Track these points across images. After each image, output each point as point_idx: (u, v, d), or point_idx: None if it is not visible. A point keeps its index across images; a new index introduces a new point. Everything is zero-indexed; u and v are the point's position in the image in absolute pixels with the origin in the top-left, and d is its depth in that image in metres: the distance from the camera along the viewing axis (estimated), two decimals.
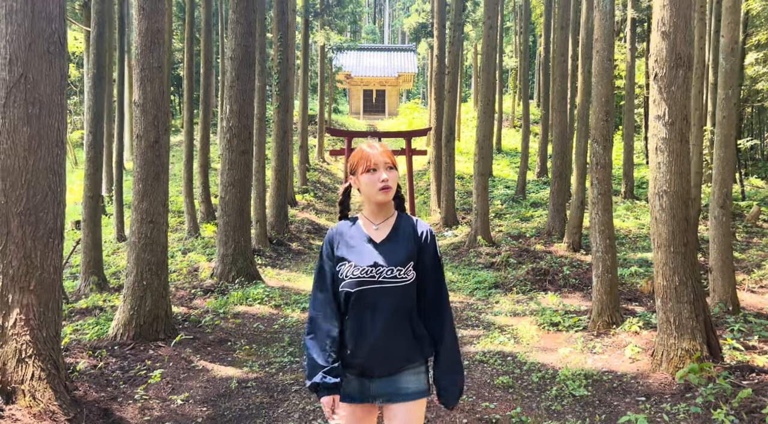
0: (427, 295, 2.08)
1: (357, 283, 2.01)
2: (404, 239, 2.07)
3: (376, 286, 2.00)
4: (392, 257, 2.03)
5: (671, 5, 4.56)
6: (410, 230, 2.10)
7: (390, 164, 2.06)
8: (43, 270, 3.67)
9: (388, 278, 2.01)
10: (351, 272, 2.02)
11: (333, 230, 2.16)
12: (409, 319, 2.04)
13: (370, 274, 2.01)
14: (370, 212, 2.12)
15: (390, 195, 2.06)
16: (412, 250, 2.05)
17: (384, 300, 2.00)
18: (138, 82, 5.62)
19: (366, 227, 2.12)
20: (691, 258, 4.66)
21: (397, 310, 2.01)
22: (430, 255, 2.09)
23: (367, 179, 2.04)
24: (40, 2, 3.65)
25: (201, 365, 5.05)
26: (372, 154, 2.05)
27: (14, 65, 3.61)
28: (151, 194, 5.65)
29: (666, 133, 4.62)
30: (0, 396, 3.35)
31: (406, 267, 2.03)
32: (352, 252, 2.06)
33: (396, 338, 2.01)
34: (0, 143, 3.62)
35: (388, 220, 2.11)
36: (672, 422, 3.67)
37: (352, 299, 2.02)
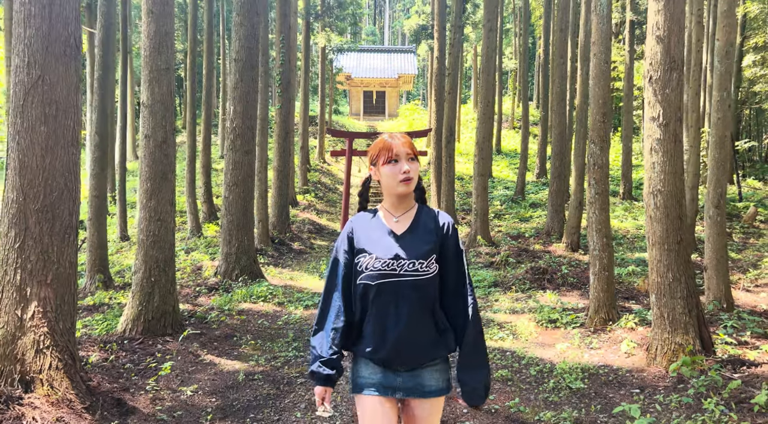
0: (448, 287, 2.03)
1: (377, 276, 1.96)
2: (426, 232, 2.03)
3: (398, 279, 1.95)
4: (414, 250, 1.98)
5: (665, 10, 4.71)
6: (432, 221, 2.04)
7: (411, 155, 2.01)
8: (60, 265, 3.82)
9: (409, 271, 1.96)
10: (372, 265, 1.97)
11: (352, 221, 2.10)
12: (431, 313, 1.99)
13: (392, 267, 1.96)
14: (391, 203, 2.06)
15: (411, 187, 2.01)
16: (434, 242, 2.00)
17: (405, 294, 1.95)
18: (146, 83, 5.77)
19: (386, 219, 2.06)
20: (685, 255, 4.80)
21: (419, 304, 1.96)
22: (451, 247, 2.04)
23: (389, 171, 1.99)
24: (57, 7, 3.80)
25: (208, 359, 5.19)
26: (394, 145, 1.99)
27: (32, 68, 3.75)
28: (159, 193, 5.79)
29: (660, 134, 4.77)
30: (20, 385, 3.48)
31: (428, 260, 1.98)
32: (372, 244, 2.00)
33: (419, 332, 1.96)
34: (18, 142, 3.77)
35: (409, 212, 2.06)
36: (664, 411, 3.82)
37: (372, 293, 1.97)
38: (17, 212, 3.74)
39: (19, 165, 3.75)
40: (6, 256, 3.73)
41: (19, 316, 3.64)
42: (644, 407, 3.89)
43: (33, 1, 3.73)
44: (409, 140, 2.04)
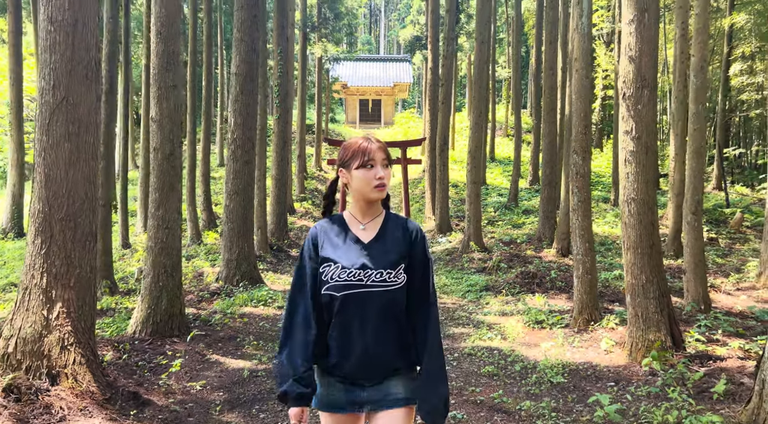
0: (413, 296, 1.93)
1: (343, 286, 1.85)
2: (394, 240, 1.93)
3: (364, 290, 1.85)
4: (381, 259, 1.88)
5: (637, 33, 5.12)
6: (400, 229, 1.95)
7: (386, 161, 1.92)
8: (81, 269, 4.17)
9: (377, 282, 1.85)
10: (337, 275, 1.86)
11: (316, 227, 1.98)
12: (397, 325, 1.89)
13: (358, 277, 1.85)
14: (358, 209, 1.96)
15: (384, 193, 1.93)
16: (402, 251, 1.91)
17: (372, 305, 1.85)
18: (155, 99, 6.14)
19: (352, 225, 1.95)
20: (657, 259, 5.19)
21: (386, 316, 1.86)
22: (419, 256, 1.94)
23: (362, 175, 1.88)
24: (80, 34, 4.17)
25: (214, 358, 5.53)
26: (370, 149, 1.88)
27: (57, 90, 4.12)
28: (167, 203, 6.15)
29: (633, 146, 5.16)
30: (47, 378, 3.83)
31: (396, 270, 1.88)
32: (337, 252, 1.89)
33: (385, 345, 1.87)
34: (44, 158, 4.13)
35: (376, 219, 1.96)
36: (634, 400, 4.18)
37: (337, 304, 1.86)
38: (43, 221, 4.10)
39: (44, 178, 4.12)
40: (33, 261, 4.08)
41: (45, 316, 3.99)
42: (616, 398, 4.26)
43: (58, 30, 4.10)
44: (384, 145, 1.94)
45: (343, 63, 32.87)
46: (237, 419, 4.05)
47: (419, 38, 25.57)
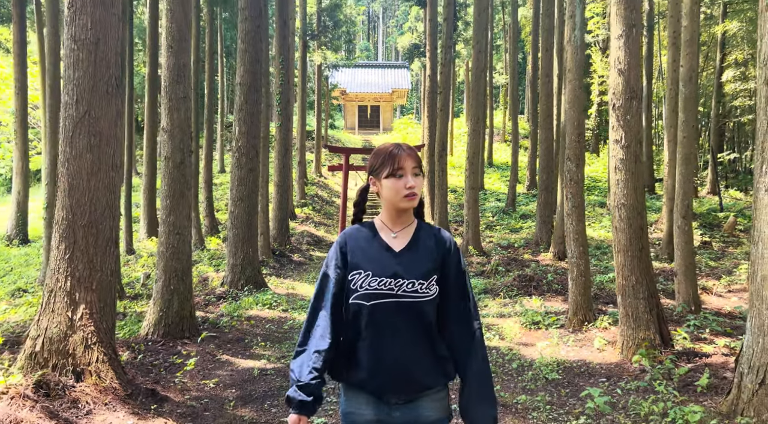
0: (450, 311, 1.86)
1: (373, 295, 1.79)
2: (426, 250, 1.87)
3: (395, 300, 1.78)
4: (414, 269, 1.81)
5: (625, 47, 5.41)
6: (432, 239, 1.89)
7: (417, 170, 1.86)
8: (102, 272, 4.42)
9: (408, 292, 1.79)
10: (367, 283, 1.80)
11: (345, 234, 1.92)
12: (430, 338, 1.82)
13: (389, 286, 1.79)
14: (389, 218, 1.90)
15: (415, 202, 1.87)
16: (435, 262, 1.84)
17: (403, 316, 1.78)
18: (166, 110, 6.41)
19: (383, 233, 1.90)
20: (646, 261, 5.45)
21: (416, 328, 1.80)
22: (454, 267, 1.87)
23: (392, 184, 1.83)
24: (102, 52, 4.44)
25: (224, 358, 5.78)
26: (399, 156, 1.83)
27: (80, 104, 4.39)
28: (178, 209, 6.41)
29: (623, 154, 5.44)
30: (72, 375, 4.07)
31: (428, 281, 1.81)
32: (368, 260, 1.83)
33: (416, 359, 1.80)
34: (68, 168, 4.39)
35: (408, 227, 1.90)
36: (623, 394, 4.44)
37: (366, 314, 1.79)
38: (67, 227, 4.35)
39: (68, 187, 4.38)
40: (57, 266, 4.34)
41: (70, 317, 4.24)
42: (607, 392, 4.52)
43: (81, 48, 4.37)
44: (416, 152, 1.88)
45: (342, 70, 33.21)
46: (250, 413, 4.30)
47: (417, 46, 25.91)
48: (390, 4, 56.86)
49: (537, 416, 4.11)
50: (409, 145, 1.87)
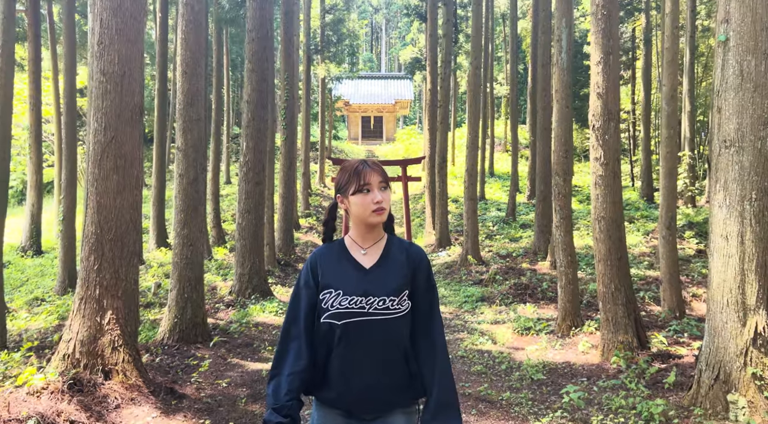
0: (417, 325, 1.86)
1: (344, 314, 1.78)
2: (396, 265, 1.87)
3: (366, 318, 1.78)
4: (384, 286, 1.82)
5: (603, 73, 5.88)
6: (403, 253, 1.90)
7: (384, 184, 1.86)
8: (127, 282, 4.90)
9: (379, 309, 1.79)
10: (337, 302, 1.79)
11: (315, 254, 1.92)
12: (403, 355, 1.83)
13: (360, 304, 1.79)
14: (358, 234, 1.91)
15: (384, 217, 1.87)
16: (405, 277, 1.85)
17: (375, 334, 1.78)
18: (180, 131, 6.92)
19: (353, 250, 1.90)
20: (625, 269, 5.90)
21: (389, 345, 1.80)
22: (423, 282, 1.88)
23: (359, 200, 1.83)
24: (127, 84, 4.95)
25: (235, 361, 6.23)
26: (365, 172, 1.83)
27: (108, 130, 4.89)
28: (191, 223, 6.90)
29: (602, 171, 5.90)
30: (101, 374, 4.54)
31: (399, 297, 1.81)
32: (338, 279, 1.83)
33: (389, 376, 1.80)
34: (96, 187, 4.88)
35: (378, 243, 1.91)
36: (599, 391, 4.88)
37: (337, 333, 1.79)
38: (95, 241, 4.84)
39: (97, 205, 4.86)
40: (87, 275, 4.82)
41: (99, 322, 4.71)
42: (585, 389, 4.95)
43: (109, 80, 4.88)
44: (381, 166, 1.90)
45: (345, 81, 33.89)
46: (260, 409, 4.75)
47: (418, 60, 26.49)
48: (393, 16, 57.69)
49: (519, 410, 4.55)
50: (375, 161, 1.89)
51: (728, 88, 4.11)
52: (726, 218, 4.11)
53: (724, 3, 4.15)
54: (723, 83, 4.16)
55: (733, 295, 4.04)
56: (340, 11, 26.13)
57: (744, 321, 3.99)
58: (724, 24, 4.15)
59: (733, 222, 4.07)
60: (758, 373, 3.89)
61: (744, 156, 4.04)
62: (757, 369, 3.90)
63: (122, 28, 4.87)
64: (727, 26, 4.12)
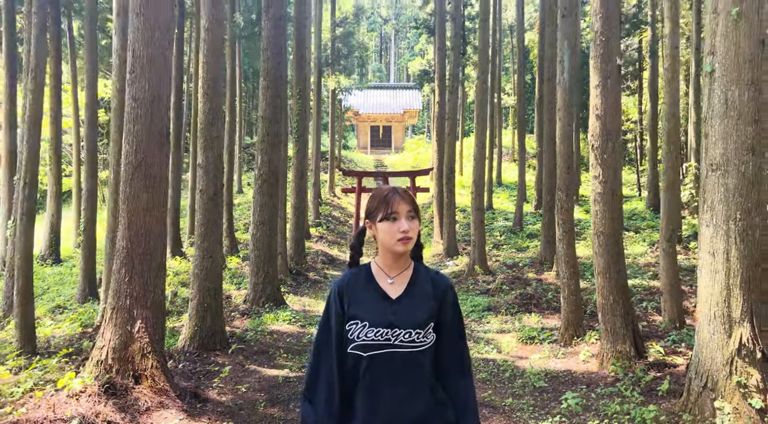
0: (444, 359, 1.88)
1: (370, 346, 1.81)
2: (423, 296, 1.89)
3: (392, 350, 1.80)
4: (410, 318, 1.83)
5: (602, 96, 6.21)
6: (429, 284, 1.91)
7: (412, 213, 1.87)
8: (155, 293, 5.27)
9: (405, 342, 1.80)
10: (364, 334, 1.82)
11: (342, 281, 1.93)
12: (429, 385, 1.84)
13: (386, 337, 1.80)
14: (385, 262, 1.92)
15: (410, 246, 1.88)
16: (432, 309, 1.86)
17: (400, 366, 1.80)
18: (201, 149, 7.31)
19: (380, 279, 1.92)
20: (623, 282, 6.19)
21: (415, 377, 1.82)
22: (450, 313, 1.90)
23: (386, 228, 1.85)
24: (156, 108, 5.34)
25: (252, 367, 6.58)
26: (393, 201, 1.85)
27: (138, 152, 5.28)
28: (211, 236, 7.27)
29: (601, 189, 6.21)
30: (132, 379, 4.89)
31: (425, 329, 1.83)
32: (364, 310, 1.85)
33: (415, 408, 1.81)
34: (127, 205, 5.26)
35: (405, 272, 1.92)
36: (597, 398, 5.17)
37: (363, 364, 1.81)
38: (126, 255, 5.21)
39: (128, 222, 5.24)
40: (118, 287, 5.19)
41: (129, 330, 5.08)
42: (583, 396, 5.24)
43: (140, 106, 5.27)
44: (411, 195, 1.91)
45: (354, 91, 34.39)
46: (278, 412, 5.09)
47: (427, 72, 26.91)
48: (402, 26, 58.28)
49: (520, 415, 4.86)
50: (405, 189, 1.92)
51: (714, 116, 4.42)
52: (713, 235, 4.41)
53: (710, 37, 4.48)
54: (710, 111, 4.47)
55: (719, 308, 4.34)
56: (350, 24, 26.65)
57: (729, 333, 4.28)
58: (710, 56, 4.47)
59: (719, 240, 4.37)
60: (742, 381, 4.17)
61: (729, 179, 4.35)
62: (741, 378, 4.18)
63: (152, 58, 5.27)
64: (713, 58, 4.44)
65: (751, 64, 4.30)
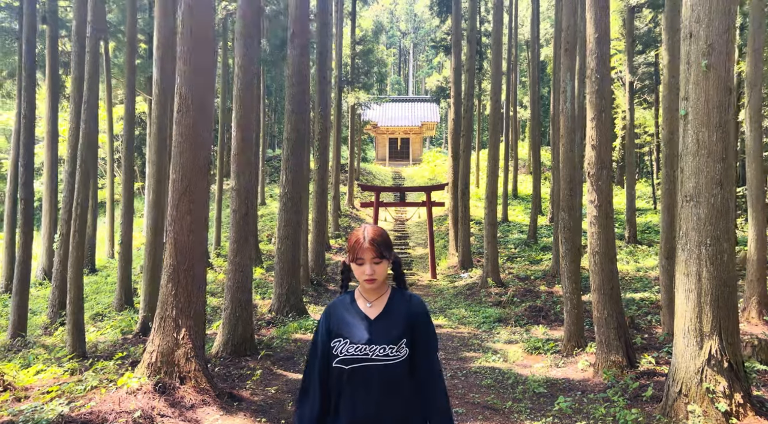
0: (418, 373, 2.16)
1: (351, 360, 2.09)
2: (398, 316, 2.17)
3: (369, 363, 2.09)
4: (385, 335, 2.12)
5: (596, 128, 6.84)
6: (404, 306, 2.20)
7: (376, 259, 2.13)
8: (197, 304, 6.01)
9: (380, 356, 2.09)
10: (345, 349, 2.10)
11: (330, 306, 2.25)
12: (399, 396, 2.12)
13: (364, 351, 2.09)
14: (365, 289, 2.21)
15: (375, 285, 2.17)
16: (404, 327, 2.14)
17: (377, 377, 2.08)
18: (234, 174, 8.09)
19: (360, 303, 2.21)
20: (616, 298, 6.78)
21: (389, 387, 2.10)
22: (422, 332, 2.17)
23: (355, 268, 2.16)
24: (199, 142, 6.12)
25: (279, 372, 7.28)
26: (361, 248, 2.12)
27: (183, 180, 6.05)
28: (242, 252, 8.03)
29: (596, 212, 6.82)
30: (178, 379, 5.63)
31: (398, 344, 2.11)
32: (347, 329, 2.14)
33: (390, 412, 2.10)
34: (174, 226, 6.03)
35: (382, 297, 2.21)
36: (588, 402, 5.76)
37: (345, 376, 2.10)
38: (173, 271, 5.97)
39: (174, 241, 6.01)
40: (165, 299, 5.95)
41: (175, 337, 5.83)
42: (576, 400, 5.84)
43: (186, 141, 6.05)
44: (378, 241, 2.14)
45: (373, 106, 35.27)
46: None
47: (443, 89, 27.66)
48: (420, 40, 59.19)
49: (518, 416, 5.47)
50: (373, 237, 2.15)
51: (688, 153, 5.04)
52: (687, 259, 5.01)
53: (684, 85, 5.10)
54: (684, 149, 5.09)
55: (692, 323, 4.93)
56: (369, 42, 27.55)
57: (701, 345, 4.86)
58: (684, 101, 5.09)
59: (692, 263, 4.96)
60: (711, 388, 4.75)
61: (701, 209, 4.95)
62: (710, 385, 4.76)
63: (196, 99, 6.06)
64: (686, 103, 5.06)
65: (719, 109, 4.91)
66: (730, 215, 4.95)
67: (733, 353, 4.83)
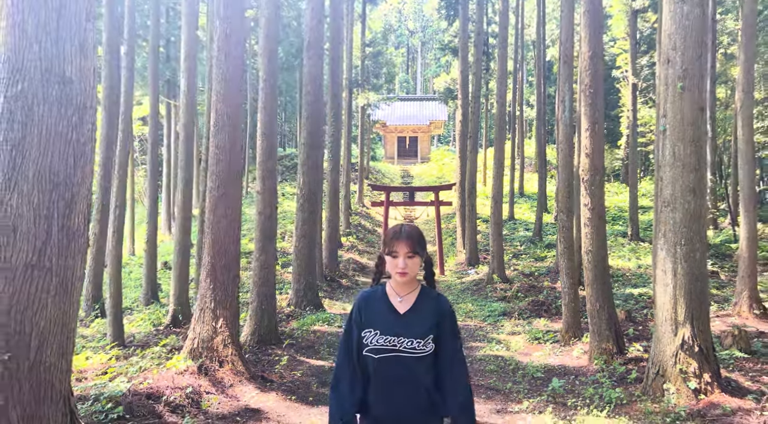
0: (442, 369, 2.26)
1: (379, 350, 2.22)
2: (426, 313, 2.27)
3: (397, 354, 2.21)
4: (413, 329, 2.23)
5: (590, 138, 7.53)
6: (432, 303, 2.31)
7: (410, 253, 2.24)
8: (232, 297, 6.78)
9: (408, 349, 2.21)
10: (375, 340, 2.23)
11: (362, 296, 2.35)
12: (424, 386, 2.25)
13: (392, 343, 2.21)
14: (396, 284, 2.31)
15: (407, 279, 2.27)
16: (431, 325, 2.25)
17: (402, 368, 2.22)
18: (259, 179, 8.86)
19: (392, 297, 2.31)
20: (608, 291, 7.48)
21: (414, 377, 2.23)
22: (447, 330, 2.28)
23: (389, 261, 2.27)
24: (234, 152, 6.87)
25: (302, 359, 8.05)
26: (396, 242, 2.24)
27: (220, 187, 6.81)
28: (267, 250, 8.79)
29: (590, 215, 7.52)
30: (217, 363, 6.40)
31: (425, 339, 2.23)
32: (377, 321, 2.26)
33: (414, 402, 2.24)
34: (211, 229, 6.80)
35: (412, 292, 2.31)
36: (579, 384, 6.48)
37: (374, 365, 2.24)
38: (211, 268, 6.74)
39: (212, 242, 6.78)
40: (205, 293, 6.72)
41: (214, 326, 6.60)
42: (568, 382, 6.56)
43: (222, 152, 6.81)
44: (413, 238, 2.26)
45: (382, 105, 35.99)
46: (327, 391, 6.50)
47: (451, 90, 28.30)
48: (428, 39, 59.76)
49: (516, 395, 6.20)
50: (410, 232, 2.28)
51: (665, 165, 5.73)
52: (665, 257, 5.71)
53: (662, 103, 5.78)
54: (663, 160, 5.78)
55: (668, 313, 5.63)
56: (378, 44, 28.23)
57: (676, 332, 5.56)
58: (663, 118, 5.77)
59: (669, 260, 5.66)
60: (683, 369, 5.45)
61: (677, 213, 5.64)
62: (683, 366, 5.46)
63: (230, 114, 6.81)
64: (664, 120, 5.75)
65: (693, 126, 5.60)
66: (702, 220, 5.64)
67: (704, 339, 5.53)
